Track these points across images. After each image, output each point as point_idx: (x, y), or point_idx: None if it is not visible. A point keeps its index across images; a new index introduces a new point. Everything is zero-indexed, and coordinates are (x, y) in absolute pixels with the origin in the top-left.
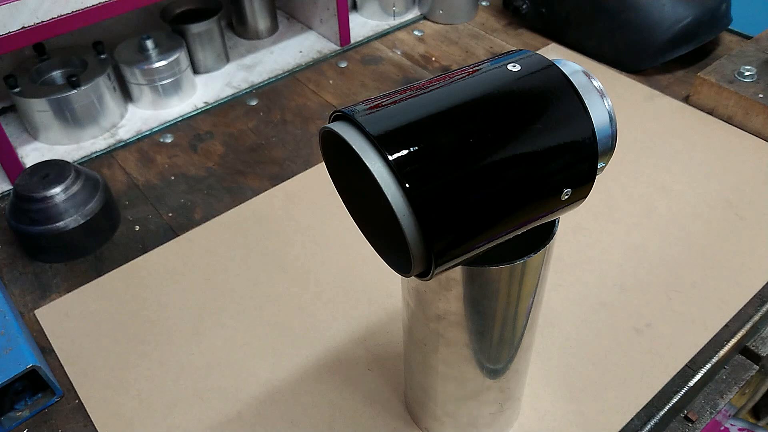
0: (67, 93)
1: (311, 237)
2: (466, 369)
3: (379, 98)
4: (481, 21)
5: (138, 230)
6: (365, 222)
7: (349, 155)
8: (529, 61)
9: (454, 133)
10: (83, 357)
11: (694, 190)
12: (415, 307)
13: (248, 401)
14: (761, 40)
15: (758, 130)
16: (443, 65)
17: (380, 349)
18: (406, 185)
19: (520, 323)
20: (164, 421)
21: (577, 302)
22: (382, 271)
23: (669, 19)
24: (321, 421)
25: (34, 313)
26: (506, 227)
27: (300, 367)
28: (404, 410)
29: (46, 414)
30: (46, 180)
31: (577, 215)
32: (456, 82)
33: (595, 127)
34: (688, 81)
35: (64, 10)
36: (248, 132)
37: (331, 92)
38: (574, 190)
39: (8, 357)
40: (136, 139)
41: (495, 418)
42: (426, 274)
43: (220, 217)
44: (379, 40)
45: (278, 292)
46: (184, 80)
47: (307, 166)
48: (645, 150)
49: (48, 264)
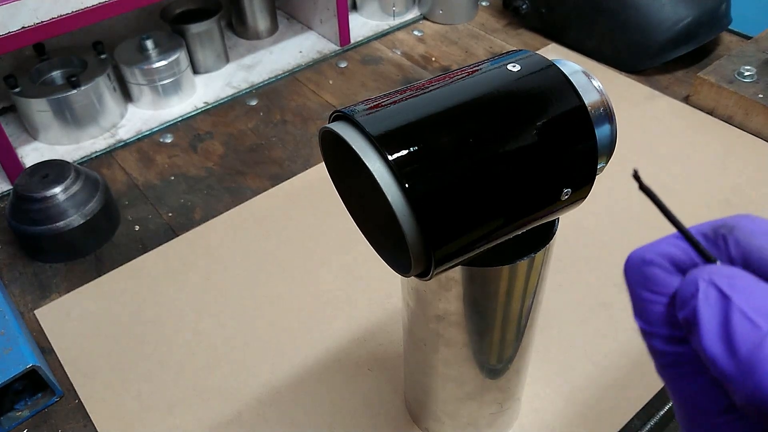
0: (67, 93)
1: (311, 237)
2: (466, 369)
3: (379, 98)
4: (481, 21)
5: (138, 230)
6: (365, 222)
7: (349, 155)
8: (529, 61)
9: (453, 133)
10: (83, 357)
11: (694, 190)
12: (415, 307)
13: (248, 401)
14: (761, 40)
15: (758, 130)
16: (443, 65)
17: (380, 349)
18: (405, 185)
19: (520, 323)
20: (164, 421)
21: (577, 302)
22: (382, 271)
23: (669, 19)
24: (321, 421)
25: (34, 313)
26: (506, 227)
27: (300, 367)
28: (404, 410)
29: (46, 414)
30: (46, 180)
31: (577, 215)
32: (456, 82)
33: (595, 128)
34: (688, 81)
35: (64, 10)
36: (248, 132)
37: (331, 92)
38: (574, 190)
39: (8, 357)
40: (136, 139)
41: (495, 418)
42: (426, 274)
43: (220, 217)
44: (379, 41)
45: (278, 292)
46: (184, 80)
47: (307, 166)
48: (645, 150)
49: (48, 264)
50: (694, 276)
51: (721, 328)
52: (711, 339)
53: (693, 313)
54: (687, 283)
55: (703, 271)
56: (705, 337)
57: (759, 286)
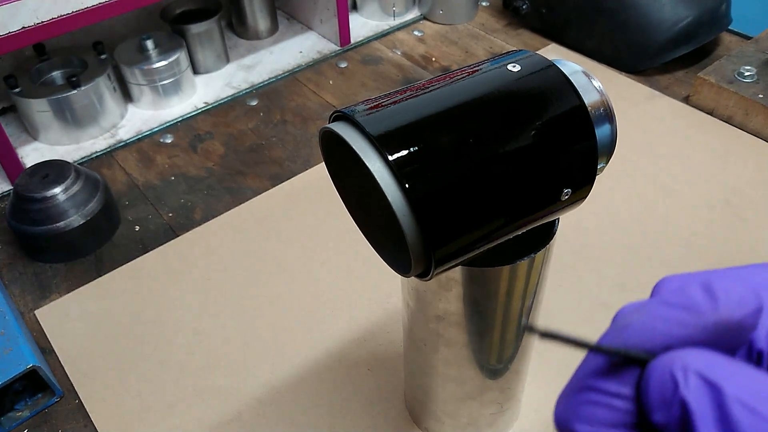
0: (67, 93)
1: (311, 237)
2: (466, 369)
3: (379, 98)
4: (481, 21)
5: (138, 230)
6: (365, 222)
7: (349, 155)
8: (529, 61)
9: (453, 134)
10: (83, 357)
11: (694, 190)
12: (415, 308)
13: (248, 401)
14: (761, 40)
15: (758, 130)
16: (443, 65)
17: (380, 349)
18: (405, 185)
19: (521, 323)
20: (164, 421)
21: (577, 302)
22: (382, 272)
23: (669, 19)
24: (321, 421)
25: (34, 313)
26: (506, 227)
27: (300, 367)
28: (404, 410)
29: (46, 414)
30: (46, 180)
31: (577, 215)
32: (456, 82)
33: (595, 128)
34: (688, 81)
35: (64, 10)
36: (248, 132)
37: (331, 92)
38: (574, 190)
39: (8, 357)
40: (136, 140)
41: (495, 418)
42: (426, 274)
43: (220, 217)
44: (379, 41)
45: (278, 292)
46: (184, 80)
47: (307, 166)
48: (645, 150)
49: (48, 264)
50: (661, 367)
51: (720, 424)
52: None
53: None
54: (659, 380)
55: (667, 359)
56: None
57: (738, 365)
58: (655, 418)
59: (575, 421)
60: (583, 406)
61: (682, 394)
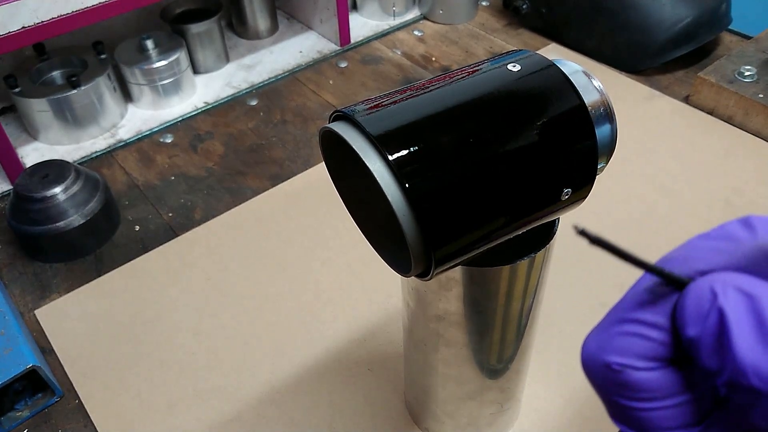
0: (67, 93)
1: (311, 237)
2: (466, 369)
3: (379, 98)
4: (481, 21)
5: (138, 230)
6: (365, 222)
7: (349, 155)
8: (529, 61)
9: (453, 133)
10: (83, 357)
11: (694, 190)
12: (415, 307)
13: (248, 401)
14: (761, 40)
15: (758, 130)
16: (443, 65)
17: (380, 349)
18: (405, 185)
19: (521, 323)
20: (164, 421)
21: (577, 302)
22: (382, 272)
23: (669, 19)
24: (321, 421)
25: (34, 313)
26: (506, 227)
27: (300, 367)
28: (404, 410)
29: (46, 414)
30: (46, 180)
31: (577, 215)
32: (456, 82)
33: (595, 127)
34: (688, 81)
35: (64, 10)
36: (248, 132)
37: (331, 92)
38: (574, 190)
39: (8, 357)
40: (136, 139)
41: (495, 418)
42: (426, 274)
43: (220, 217)
44: (379, 40)
45: (278, 292)
46: (184, 80)
47: (307, 166)
48: (645, 150)
49: (48, 264)
50: (702, 286)
51: (756, 331)
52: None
53: (718, 321)
54: (696, 295)
55: (708, 279)
56: (738, 345)
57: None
58: (688, 333)
59: (608, 352)
60: (617, 338)
61: (720, 303)
